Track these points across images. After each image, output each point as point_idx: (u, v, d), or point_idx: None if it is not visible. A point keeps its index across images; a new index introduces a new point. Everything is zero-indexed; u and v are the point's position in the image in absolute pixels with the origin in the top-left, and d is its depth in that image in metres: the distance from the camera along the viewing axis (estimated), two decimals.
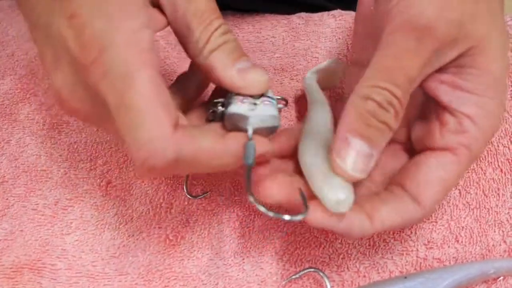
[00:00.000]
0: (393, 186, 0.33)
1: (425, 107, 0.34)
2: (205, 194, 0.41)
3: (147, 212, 0.41)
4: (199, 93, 0.37)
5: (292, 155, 0.34)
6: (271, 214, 0.29)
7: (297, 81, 0.46)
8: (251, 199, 0.29)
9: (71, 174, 0.43)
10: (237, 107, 0.30)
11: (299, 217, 0.29)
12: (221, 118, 0.32)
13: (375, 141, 0.27)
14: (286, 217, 0.29)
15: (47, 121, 0.46)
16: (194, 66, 0.35)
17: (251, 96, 0.31)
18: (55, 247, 0.40)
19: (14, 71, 0.49)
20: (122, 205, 0.42)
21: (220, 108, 0.31)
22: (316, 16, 0.49)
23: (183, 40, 0.31)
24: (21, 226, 0.41)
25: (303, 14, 0.50)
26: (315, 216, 0.29)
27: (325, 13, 0.49)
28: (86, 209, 0.42)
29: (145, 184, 0.42)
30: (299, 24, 0.49)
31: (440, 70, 0.31)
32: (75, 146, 0.45)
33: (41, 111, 0.47)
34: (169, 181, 0.42)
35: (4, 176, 0.44)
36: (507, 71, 0.31)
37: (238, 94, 0.31)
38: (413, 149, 0.35)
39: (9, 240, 0.41)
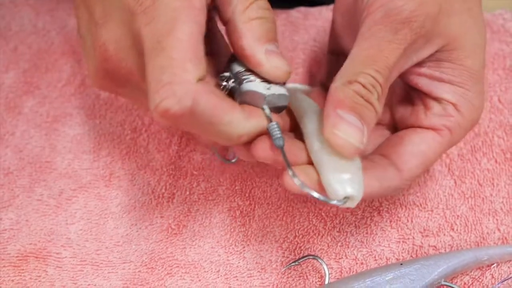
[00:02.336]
0: (374, 155, 0.34)
1: (407, 93, 0.36)
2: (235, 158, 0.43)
3: (150, 202, 0.42)
4: None
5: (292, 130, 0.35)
6: (316, 195, 0.29)
7: (296, 74, 0.47)
8: (296, 181, 0.29)
9: (75, 165, 0.44)
10: (255, 84, 0.30)
11: (348, 204, 0.30)
12: (229, 93, 0.31)
13: (365, 117, 0.28)
14: (333, 201, 0.29)
15: (51, 113, 0.47)
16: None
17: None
18: (59, 236, 0.41)
19: (18, 65, 0.50)
20: (125, 195, 0.43)
21: (231, 83, 0.31)
22: (314, 10, 0.50)
23: (220, 1, 0.30)
24: (26, 216, 0.42)
25: (302, 8, 0.51)
26: (291, 179, 0.29)
27: (324, 7, 0.50)
28: (90, 199, 0.43)
29: (147, 175, 0.43)
30: (298, 18, 0.50)
31: (418, 64, 0.32)
32: (78, 138, 0.46)
33: (44, 104, 0.48)
34: (171, 171, 0.43)
35: (9, 168, 0.45)
36: (483, 67, 0.33)
37: (251, 72, 0.31)
38: (396, 129, 0.36)
39: (15, 229, 0.42)
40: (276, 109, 0.32)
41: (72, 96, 0.48)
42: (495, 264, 0.39)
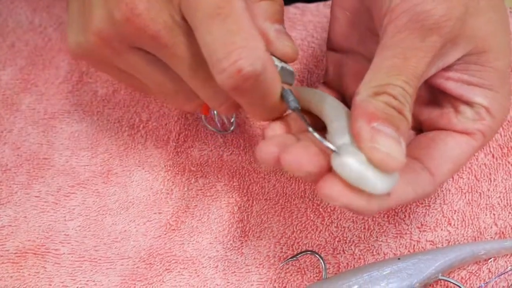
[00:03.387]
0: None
1: (433, 95, 0.34)
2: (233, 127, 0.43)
3: (148, 198, 0.42)
4: None
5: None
6: (332, 147, 0.26)
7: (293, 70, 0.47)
8: (317, 136, 0.27)
9: (73, 162, 0.44)
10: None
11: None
12: None
13: (400, 127, 0.26)
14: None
15: (48, 110, 0.47)
16: None
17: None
18: (58, 232, 0.41)
19: (15, 62, 0.50)
20: (123, 192, 0.43)
21: None
22: (312, 6, 0.50)
23: None
24: (24, 212, 0.42)
25: (299, 4, 0.51)
26: (334, 192, 0.26)
27: (321, 3, 0.50)
28: (88, 195, 0.43)
29: (145, 171, 0.43)
30: (295, 14, 0.50)
31: (445, 68, 0.31)
32: (76, 135, 0.46)
33: (42, 101, 0.48)
34: (169, 168, 0.43)
35: (7, 165, 0.45)
36: (510, 67, 0.32)
37: None
38: (420, 130, 0.35)
39: (13, 226, 0.42)
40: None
41: (69, 93, 0.48)
42: (492, 259, 0.39)
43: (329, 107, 0.31)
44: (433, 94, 0.34)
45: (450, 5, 0.28)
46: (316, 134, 0.27)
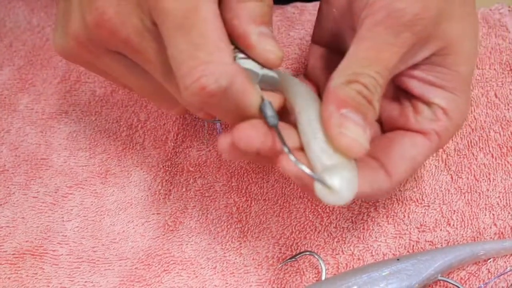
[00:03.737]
0: (364, 156, 0.32)
1: (394, 92, 0.35)
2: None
3: (146, 199, 0.42)
4: None
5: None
6: (309, 172, 0.27)
7: (292, 70, 0.47)
8: (291, 157, 0.27)
9: (71, 162, 0.44)
10: (248, 62, 0.29)
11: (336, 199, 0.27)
12: None
13: (368, 116, 0.28)
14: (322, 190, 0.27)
15: (46, 110, 0.47)
16: None
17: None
18: (56, 233, 0.41)
19: (12, 62, 0.50)
20: (121, 192, 0.43)
21: None
22: (310, 5, 0.50)
23: None
24: (22, 213, 0.42)
25: (297, 4, 0.51)
26: (290, 165, 0.27)
27: (320, 3, 0.50)
28: (86, 196, 0.43)
29: (143, 171, 0.43)
30: (293, 13, 0.50)
31: (412, 67, 0.32)
32: (74, 135, 0.45)
33: (40, 101, 0.47)
34: (167, 168, 0.43)
35: (5, 165, 0.44)
36: (473, 72, 0.33)
37: (241, 51, 0.30)
38: (381, 124, 0.36)
39: (11, 227, 0.42)
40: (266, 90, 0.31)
41: (67, 93, 0.48)
42: (491, 259, 0.39)
43: (301, 98, 0.31)
44: (395, 92, 0.35)
45: (425, 5, 0.29)
46: (291, 157, 0.27)
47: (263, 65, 0.30)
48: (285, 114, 0.32)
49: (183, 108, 0.33)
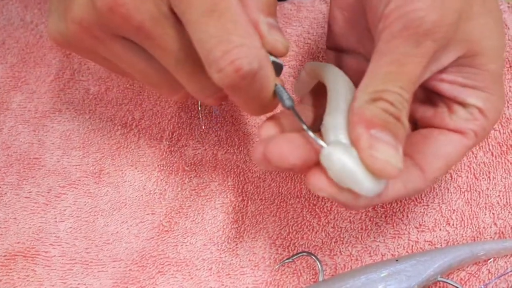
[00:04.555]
0: None
1: (428, 95, 0.34)
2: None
3: (140, 199, 0.41)
4: None
5: None
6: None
7: (289, 67, 0.46)
8: (310, 134, 0.27)
9: (64, 162, 0.43)
10: None
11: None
12: None
13: (399, 134, 0.27)
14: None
15: (39, 109, 0.46)
16: None
17: None
18: (48, 234, 0.40)
19: (5, 59, 0.49)
20: (115, 192, 0.42)
21: None
22: (308, 2, 0.49)
23: None
24: (14, 214, 0.41)
25: (295, 0, 0.50)
26: (321, 183, 0.27)
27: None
28: (79, 196, 0.42)
29: (138, 171, 0.43)
30: (291, 10, 0.49)
31: (440, 71, 0.31)
32: (68, 134, 0.45)
33: (33, 99, 0.47)
34: (162, 167, 0.43)
35: None
36: (503, 69, 0.32)
37: None
38: (415, 125, 0.35)
39: (2, 228, 0.41)
40: None
41: (61, 91, 0.47)
42: (491, 259, 0.38)
43: (333, 91, 0.31)
44: (428, 94, 0.34)
45: (443, 11, 0.27)
46: (310, 132, 0.27)
47: (270, 53, 0.30)
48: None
49: (185, 94, 0.33)
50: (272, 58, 0.30)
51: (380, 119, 0.26)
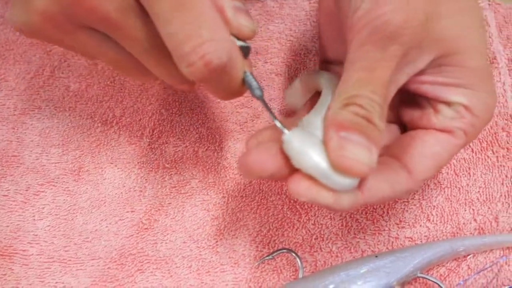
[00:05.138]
0: (384, 156, 0.32)
1: (413, 97, 0.34)
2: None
3: (120, 196, 0.41)
4: None
5: None
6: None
7: (271, 64, 0.46)
8: (277, 123, 0.29)
9: (43, 160, 0.43)
10: None
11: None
12: None
13: (370, 135, 0.27)
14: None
15: (18, 106, 0.46)
16: None
17: None
18: (26, 232, 0.40)
19: None
20: (95, 190, 0.41)
21: None
22: None
23: None
24: None
25: None
26: (300, 188, 0.27)
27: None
28: (58, 194, 0.41)
29: (118, 168, 0.42)
30: (273, 7, 0.49)
31: (419, 73, 0.31)
32: (47, 131, 0.44)
33: (12, 96, 0.46)
34: (142, 164, 0.42)
35: None
36: (488, 63, 0.32)
37: None
38: (404, 127, 0.35)
39: None
40: None
41: (40, 88, 0.46)
42: (471, 255, 0.38)
43: (323, 95, 0.32)
44: (413, 97, 0.34)
45: (408, 14, 0.27)
46: (276, 121, 0.29)
47: (237, 38, 0.30)
48: None
49: (154, 77, 0.33)
50: (240, 42, 0.30)
51: (350, 122, 0.27)
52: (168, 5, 0.26)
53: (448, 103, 0.31)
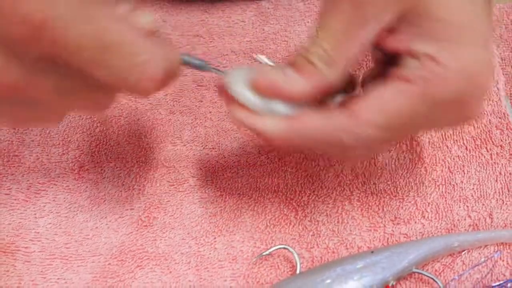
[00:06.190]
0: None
1: (388, 56, 0.33)
2: None
3: (120, 194, 0.42)
4: None
5: None
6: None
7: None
8: (212, 70, 0.32)
9: (44, 159, 0.44)
10: None
11: None
12: None
13: (304, 70, 0.30)
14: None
15: None
16: None
17: None
18: (28, 230, 0.41)
19: None
20: (95, 188, 0.42)
21: None
22: (285, 0, 0.50)
23: None
24: None
25: None
26: (236, 116, 0.31)
27: None
28: (59, 192, 0.42)
29: (117, 167, 0.43)
30: (268, 8, 0.50)
31: (391, 30, 0.30)
32: (47, 131, 0.45)
33: None
34: (141, 163, 0.43)
35: None
36: (474, 17, 0.30)
37: None
38: None
39: None
40: None
41: None
42: (465, 251, 0.39)
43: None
44: (389, 55, 0.33)
45: None
46: (211, 68, 0.32)
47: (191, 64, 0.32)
48: None
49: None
50: (189, 59, 0.32)
51: (291, 61, 0.31)
52: (90, 56, 0.26)
53: (415, 55, 0.30)
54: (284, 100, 0.31)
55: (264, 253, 0.39)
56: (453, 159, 0.42)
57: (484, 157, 0.42)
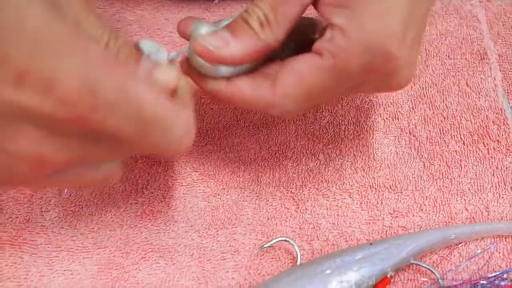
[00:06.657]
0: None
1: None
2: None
3: (124, 189, 0.43)
4: None
5: None
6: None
7: None
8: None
9: None
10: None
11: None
12: None
13: (237, 33, 0.31)
14: None
15: None
16: None
17: None
18: (35, 223, 0.41)
19: None
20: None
21: None
22: None
23: None
24: (1, 204, 0.42)
25: None
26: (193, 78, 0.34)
27: None
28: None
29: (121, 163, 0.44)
30: None
31: None
32: None
33: None
34: (145, 159, 0.44)
35: None
36: None
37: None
38: None
39: None
40: None
41: None
42: (462, 243, 0.40)
43: None
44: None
45: None
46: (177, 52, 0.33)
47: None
48: None
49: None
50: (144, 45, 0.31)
51: (231, 24, 0.32)
52: (133, 133, 0.26)
53: (332, 26, 0.31)
54: (221, 63, 0.32)
55: (265, 245, 0.40)
56: (451, 153, 0.43)
57: (481, 151, 0.43)
